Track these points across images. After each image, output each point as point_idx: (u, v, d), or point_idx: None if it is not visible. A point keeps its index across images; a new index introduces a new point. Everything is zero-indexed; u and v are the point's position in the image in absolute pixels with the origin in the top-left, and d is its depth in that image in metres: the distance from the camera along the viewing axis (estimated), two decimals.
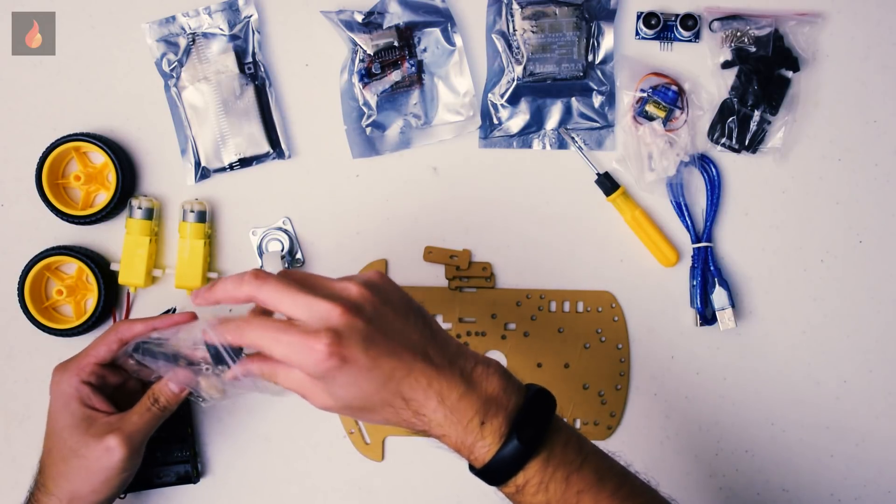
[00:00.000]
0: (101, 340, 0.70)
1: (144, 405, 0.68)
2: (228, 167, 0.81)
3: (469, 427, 0.58)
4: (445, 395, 0.58)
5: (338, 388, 0.57)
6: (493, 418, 0.58)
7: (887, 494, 0.81)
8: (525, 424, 0.58)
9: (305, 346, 0.56)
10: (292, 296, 0.58)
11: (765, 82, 0.79)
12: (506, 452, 0.57)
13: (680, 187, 0.80)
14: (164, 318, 0.70)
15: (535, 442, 0.58)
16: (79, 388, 0.68)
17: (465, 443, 0.58)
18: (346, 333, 0.56)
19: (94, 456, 0.66)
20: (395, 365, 0.57)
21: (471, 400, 0.58)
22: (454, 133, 0.81)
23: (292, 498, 0.81)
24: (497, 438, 0.58)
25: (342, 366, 0.56)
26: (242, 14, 0.80)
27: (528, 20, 0.79)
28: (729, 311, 0.79)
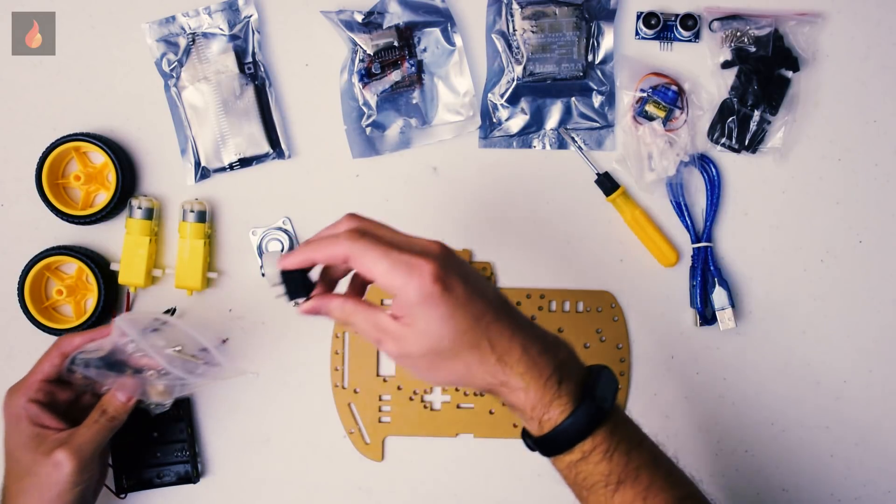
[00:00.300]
0: (44, 358, 0.71)
1: (93, 417, 0.69)
2: (228, 167, 0.81)
3: (548, 384, 0.58)
4: (528, 347, 0.58)
5: (433, 323, 0.57)
6: (569, 380, 0.59)
7: (887, 494, 0.81)
8: (598, 390, 0.59)
9: (414, 265, 0.57)
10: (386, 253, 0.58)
11: (765, 82, 0.79)
12: (580, 414, 0.58)
13: (680, 187, 0.80)
14: (103, 328, 0.71)
15: (607, 409, 0.59)
16: (26, 407, 0.69)
17: (542, 400, 0.58)
18: (449, 264, 0.58)
19: (45, 472, 0.67)
20: (486, 307, 0.58)
21: (550, 357, 0.59)
22: (454, 133, 0.81)
23: (292, 498, 0.81)
24: (572, 401, 0.58)
25: (444, 292, 0.57)
26: (242, 14, 0.80)
27: (528, 20, 0.79)
28: (729, 311, 0.79)
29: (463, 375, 0.59)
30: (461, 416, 0.81)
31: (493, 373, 0.59)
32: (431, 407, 0.81)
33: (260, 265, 0.80)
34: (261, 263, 0.80)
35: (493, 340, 0.58)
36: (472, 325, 0.58)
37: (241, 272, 0.81)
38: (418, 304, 0.57)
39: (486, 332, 0.58)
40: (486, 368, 0.59)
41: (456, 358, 0.58)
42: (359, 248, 0.58)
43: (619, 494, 0.59)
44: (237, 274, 0.81)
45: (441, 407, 0.81)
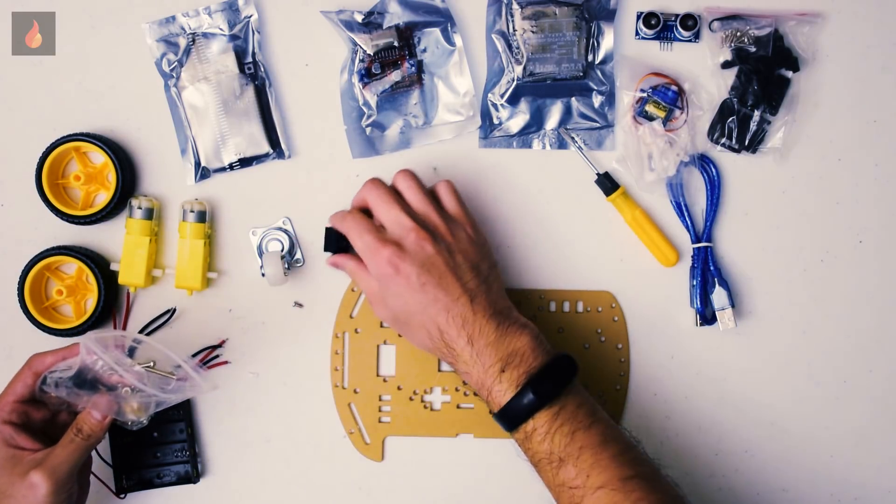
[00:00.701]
0: (16, 378, 0.71)
1: (68, 437, 0.68)
2: (228, 167, 0.81)
3: (489, 371, 0.67)
4: (475, 339, 0.68)
5: (389, 296, 0.70)
6: (514, 369, 0.67)
7: (887, 494, 0.81)
8: (541, 379, 0.67)
9: (375, 249, 0.69)
10: (388, 205, 0.71)
11: (765, 82, 0.79)
12: (518, 400, 0.66)
13: (680, 187, 0.80)
14: (73, 347, 0.70)
15: (547, 396, 0.66)
16: (1, 429, 0.68)
17: (484, 384, 0.68)
18: (409, 251, 0.69)
19: (21, 494, 0.66)
20: (439, 297, 0.68)
21: (496, 349, 0.68)
22: (454, 133, 0.81)
23: (292, 498, 0.81)
24: (513, 386, 0.67)
25: (395, 276, 0.69)
26: (242, 14, 0.80)
27: (528, 20, 0.79)
28: (729, 311, 0.79)
29: (424, 346, 0.71)
30: (461, 416, 0.81)
31: (443, 354, 0.70)
32: (431, 407, 0.81)
33: (260, 265, 0.80)
34: (261, 263, 0.80)
35: (442, 327, 0.69)
36: (422, 308, 0.69)
37: (241, 272, 0.81)
38: (378, 279, 0.70)
39: (436, 318, 0.69)
40: (436, 347, 0.70)
41: (412, 331, 0.71)
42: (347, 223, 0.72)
43: (562, 471, 0.66)
44: (237, 274, 0.81)
45: (441, 407, 0.81)
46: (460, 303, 0.69)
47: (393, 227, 0.70)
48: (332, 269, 0.81)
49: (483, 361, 0.68)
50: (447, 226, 0.71)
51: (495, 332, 0.68)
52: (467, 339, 0.68)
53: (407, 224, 0.69)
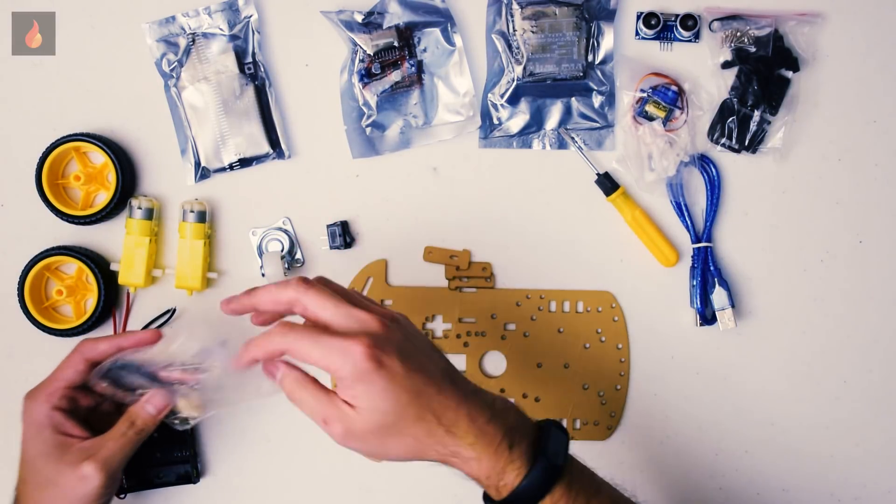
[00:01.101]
0: (66, 363, 0.69)
1: (120, 429, 0.67)
2: (228, 167, 0.81)
3: (500, 450, 0.59)
4: (475, 416, 0.59)
5: (373, 398, 0.58)
6: (520, 443, 0.59)
7: (887, 494, 0.81)
8: (548, 449, 0.60)
9: (344, 348, 0.57)
10: (335, 303, 0.60)
11: (765, 82, 0.79)
12: (535, 476, 0.59)
13: (680, 187, 0.80)
14: (128, 335, 0.69)
15: (560, 465, 0.59)
16: (50, 415, 0.67)
17: (495, 467, 0.59)
18: (383, 340, 0.58)
19: (70, 485, 0.65)
20: (427, 380, 0.59)
21: (498, 424, 0.59)
22: (454, 133, 0.81)
23: (292, 498, 0.81)
24: (525, 463, 0.59)
25: (378, 369, 0.57)
26: (242, 14, 0.80)
27: (528, 20, 0.79)
28: (729, 311, 0.79)
29: (413, 449, 0.60)
30: None
31: (443, 443, 0.59)
32: None
33: (260, 265, 0.80)
34: (261, 263, 0.80)
35: (437, 412, 0.59)
36: (414, 398, 0.58)
37: (241, 272, 0.81)
38: (357, 382, 0.57)
39: (430, 404, 0.59)
40: (435, 440, 0.59)
41: (403, 432, 0.59)
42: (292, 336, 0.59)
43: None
44: (237, 274, 0.81)
45: None
46: (445, 383, 0.60)
47: (348, 322, 0.59)
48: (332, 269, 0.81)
49: (490, 440, 0.59)
50: (392, 312, 0.62)
51: (487, 408, 0.60)
52: (468, 419, 0.59)
53: (364, 315, 0.59)
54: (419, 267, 0.81)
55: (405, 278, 0.81)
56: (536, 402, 0.81)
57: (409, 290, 0.81)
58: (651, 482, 0.81)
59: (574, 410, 0.81)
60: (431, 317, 0.81)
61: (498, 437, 0.59)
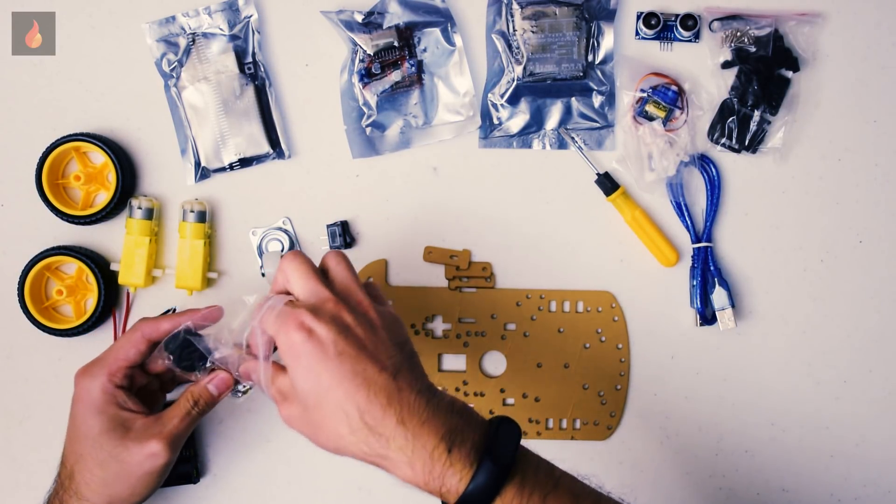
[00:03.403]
0: (126, 341, 0.68)
1: (184, 408, 0.67)
2: (228, 167, 0.81)
3: (435, 454, 0.56)
4: (407, 418, 0.56)
5: (299, 371, 0.58)
6: (461, 446, 0.56)
7: (887, 494, 0.81)
8: (495, 449, 0.56)
9: (285, 316, 0.58)
10: (305, 278, 0.61)
11: (765, 82, 0.79)
12: (481, 478, 0.55)
13: (680, 187, 0.80)
14: (191, 312, 0.68)
15: (509, 465, 0.56)
16: (114, 392, 0.67)
17: (433, 473, 0.56)
18: (326, 318, 0.58)
19: (136, 461, 0.65)
20: (358, 369, 0.57)
21: (434, 426, 0.57)
22: (454, 133, 0.81)
23: (292, 498, 0.81)
24: (468, 465, 0.56)
25: (307, 341, 0.57)
26: (242, 14, 0.80)
27: (528, 20, 0.79)
28: (729, 311, 0.79)
29: (338, 443, 0.58)
30: None
31: (367, 443, 0.57)
32: None
33: (260, 265, 0.80)
34: (261, 263, 0.80)
35: (362, 407, 0.56)
36: (336, 384, 0.57)
37: (241, 272, 0.81)
38: (286, 353, 0.58)
39: (354, 395, 0.57)
40: (358, 438, 0.57)
41: (326, 422, 0.58)
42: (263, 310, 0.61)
43: None
44: (237, 274, 0.81)
45: None
46: (383, 377, 0.57)
47: (308, 297, 0.60)
48: None
49: (424, 444, 0.56)
50: (370, 303, 0.61)
51: (426, 408, 0.57)
52: (397, 419, 0.56)
53: (324, 294, 0.60)
54: (419, 267, 0.81)
55: (405, 278, 0.81)
56: (536, 402, 0.81)
57: (409, 290, 0.81)
58: (651, 482, 0.81)
59: (574, 410, 0.81)
60: (431, 317, 0.81)
61: (433, 441, 0.56)
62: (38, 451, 0.80)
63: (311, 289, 0.60)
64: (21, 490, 0.80)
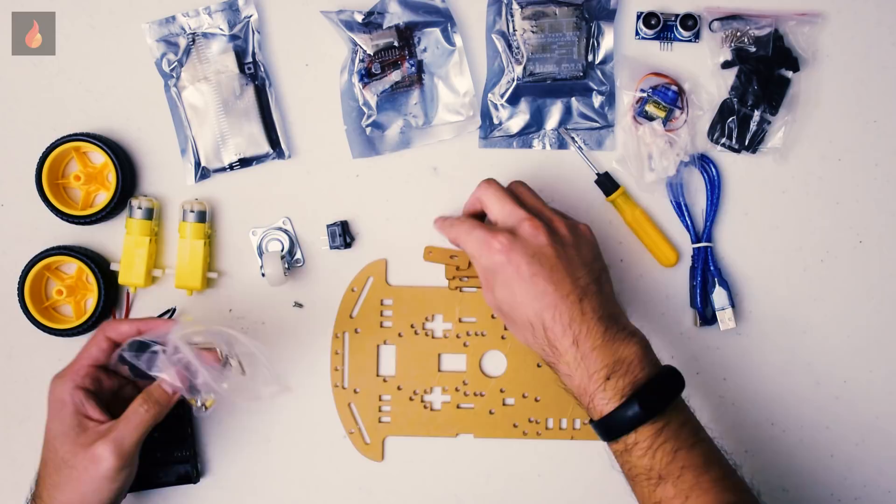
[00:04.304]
0: (90, 342, 0.69)
1: (133, 408, 0.67)
2: (228, 167, 0.81)
3: (594, 377, 0.64)
4: (582, 340, 0.64)
5: (498, 285, 0.67)
6: (621, 378, 0.64)
7: (887, 494, 0.81)
8: (648, 392, 0.63)
9: (486, 241, 0.67)
10: (501, 202, 0.69)
11: (765, 82, 0.79)
12: (622, 411, 0.63)
13: (680, 187, 0.80)
14: (148, 320, 0.69)
15: (654, 410, 0.63)
16: (73, 393, 0.67)
17: (587, 390, 0.64)
18: (523, 241, 0.66)
19: (83, 466, 0.65)
20: (549, 290, 0.65)
21: (603, 354, 0.64)
22: (454, 133, 0.81)
23: (292, 498, 0.81)
24: (618, 396, 0.63)
25: (505, 264, 0.66)
26: (242, 14, 0.80)
27: (528, 20, 0.79)
28: (729, 311, 0.79)
29: (522, 341, 0.68)
30: (461, 416, 0.81)
31: (545, 351, 0.66)
32: (431, 407, 0.81)
33: (260, 265, 0.80)
34: (261, 263, 0.80)
35: (547, 324, 0.65)
36: (528, 301, 0.65)
37: (241, 272, 0.81)
38: (488, 271, 0.67)
39: (542, 313, 0.65)
40: (538, 345, 0.66)
41: (515, 324, 0.68)
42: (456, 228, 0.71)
43: (660, 489, 0.63)
44: (237, 274, 0.81)
45: (441, 407, 0.81)
46: (569, 300, 0.65)
47: (506, 219, 0.68)
48: (332, 269, 0.81)
49: (588, 366, 0.64)
50: (563, 221, 0.69)
51: (603, 336, 0.64)
52: (573, 340, 0.64)
53: (521, 214, 0.68)
54: (419, 267, 0.81)
55: (405, 278, 0.81)
56: (536, 401, 0.81)
57: (409, 290, 0.81)
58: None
59: (574, 410, 0.81)
60: (431, 317, 0.81)
61: (597, 366, 0.64)
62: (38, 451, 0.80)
63: (508, 210, 0.68)
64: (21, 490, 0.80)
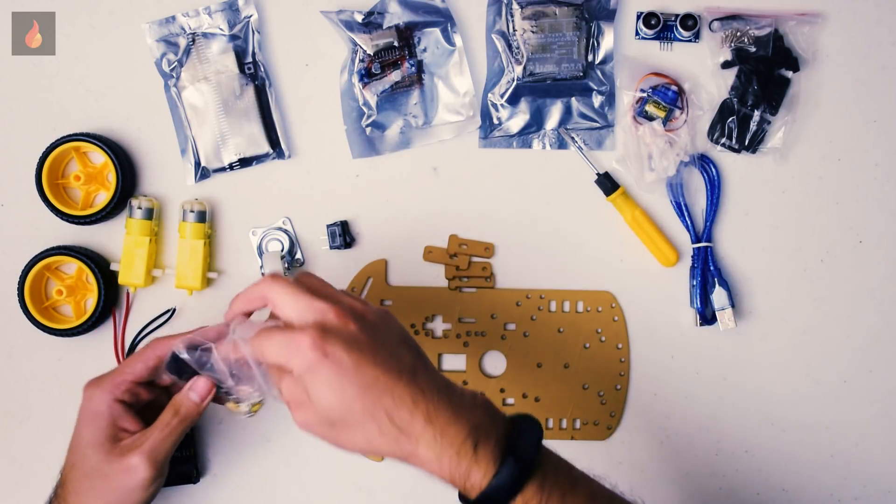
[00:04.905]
0: (138, 358, 0.68)
1: (165, 419, 0.66)
2: (228, 167, 0.81)
3: (462, 451, 0.57)
4: (433, 417, 0.57)
5: (317, 390, 0.57)
6: (486, 443, 0.57)
7: (887, 494, 0.81)
8: (518, 447, 0.57)
9: (292, 342, 0.57)
10: (295, 297, 0.59)
11: (765, 82, 0.79)
12: (503, 476, 0.57)
13: (680, 187, 0.80)
14: (201, 331, 0.67)
15: (532, 462, 0.57)
16: (111, 406, 0.66)
17: (459, 469, 0.57)
18: (333, 331, 0.58)
19: (117, 475, 0.65)
20: (379, 375, 0.57)
21: (461, 424, 0.57)
22: (454, 133, 0.81)
23: (292, 498, 0.81)
24: (492, 462, 0.57)
25: (323, 360, 0.57)
26: (242, 14, 0.80)
27: (528, 20, 0.79)
28: (729, 311, 0.79)
29: (366, 446, 0.59)
30: None
31: (398, 443, 0.58)
32: None
33: (260, 265, 0.80)
34: (261, 263, 0.80)
35: (390, 410, 0.57)
36: (362, 393, 0.57)
37: (241, 272, 0.81)
38: (305, 373, 0.57)
39: (381, 400, 0.57)
40: (388, 439, 0.58)
41: (353, 428, 0.58)
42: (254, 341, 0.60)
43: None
44: (237, 274, 0.81)
45: None
46: (403, 380, 0.58)
47: (304, 315, 0.59)
48: (332, 269, 0.81)
49: (451, 441, 0.57)
50: (364, 305, 0.61)
51: (450, 405, 0.58)
52: (424, 419, 0.57)
53: (321, 306, 0.59)
54: (419, 267, 0.81)
55: (405, 278, 0.81)
56: (536, 401, 0.81)
57: (409, 290, 0.81)
58: (651, 482, 0.81)
59: (574, 410, 0.81)
60: (431, 317, 0.81)
61: (460, 438, 0.57)
62: (38, 451, 0.80)
63: (304, 305, 0.59)
64: (21, 490, 0.80)
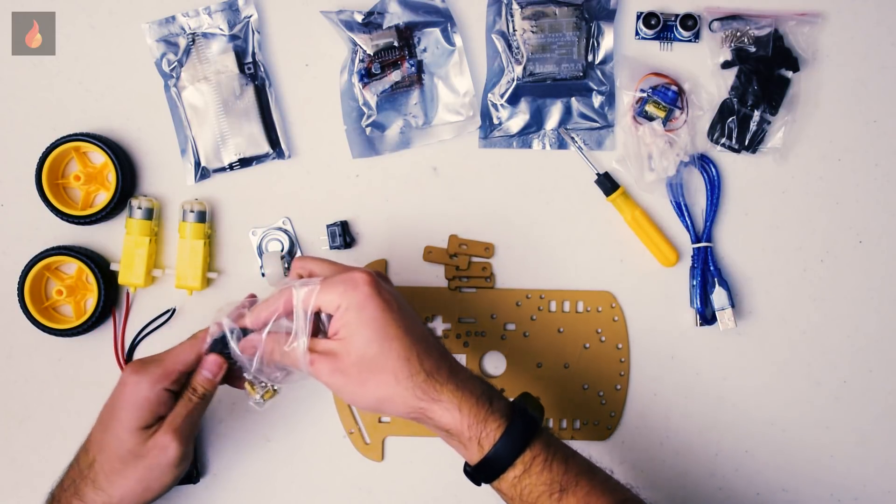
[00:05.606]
0: (188, 347, 0.68)
1: (185, 397, 0.68)
2: (228, 167, 0.81)
3: (480, 401, 0.62)
4: (455, 370, 0.63)
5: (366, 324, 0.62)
6: (498, 400, 0.63)
7: (887, 494, 0.81)
8: (526, 408, 0.63)
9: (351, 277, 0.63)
10: (328, 264, 0.66)
11: (765, 82, 0.79)
12: (517, 426, 0.62)
13: (680, 187, 0.80)
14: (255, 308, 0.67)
15: (538, 420, 0.63)
16: (160, 394, 0.67)
17: (477, 416, 0.62)
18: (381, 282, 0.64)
19: (151, 454, 0.66)
20: (417, 323, 0.64)
21: (476, 383, 0.63)
22: (454, 133, 0.81)
23: (292, 498, 0.81)
24: (505, 416, 0.62)
25: (377, 295, 0.62)
26: (242, 14, 0.80)
27: (528, 20, 0.79)
28: (729, 311, 0.79)
29: (391, 391, 0.62)
30: None
31: (423, 389, 0.62)
32: None
33: (260, 265, 0.80)
34: (261, 263, 0.80)
35: (421, 356, 0.62)
36: (402, 334, 0.62)
37: (241, 272, 0.81)
38: (355, 308, 0.62)
39: (414, 345, 0.62)
40: (415, 383, 0.62)
41: (385, 367, 0.62)
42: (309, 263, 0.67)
43: (563, 502, 0.62)
44: (237, 274, 0.81)
45: None
46: (433, 336, 0.65)
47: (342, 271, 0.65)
48: None
49: (472, 391, 0.62)
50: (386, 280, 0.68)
51: (464, 370, 0.65)
52: (449, 370, 0.63)
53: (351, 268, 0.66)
54: (419, 267, 0.81)
55: (405, 278, 0.81)
56: None
57: (409, 290, 0.81)
58: (651, 482, 0.81)
59: (574, 410, 0.81)
60: (431, 317, 0.81)
61: (478, 391, 0.63)
62: (38, 451, 0.80)
63: (339, 267, 0.66)
64: (21, 490, 0.80)
